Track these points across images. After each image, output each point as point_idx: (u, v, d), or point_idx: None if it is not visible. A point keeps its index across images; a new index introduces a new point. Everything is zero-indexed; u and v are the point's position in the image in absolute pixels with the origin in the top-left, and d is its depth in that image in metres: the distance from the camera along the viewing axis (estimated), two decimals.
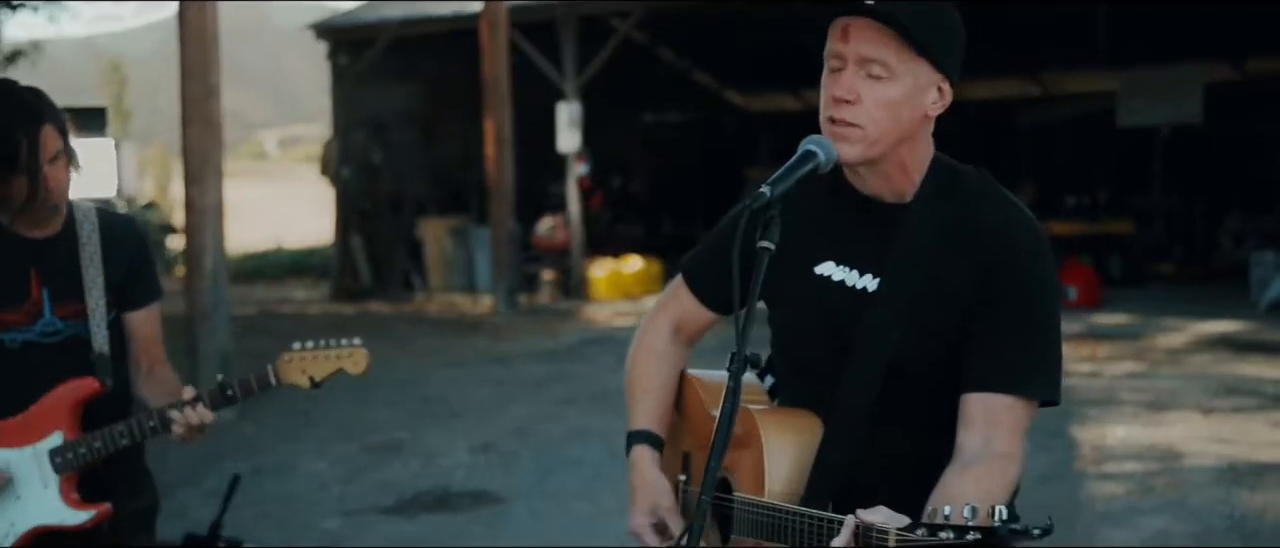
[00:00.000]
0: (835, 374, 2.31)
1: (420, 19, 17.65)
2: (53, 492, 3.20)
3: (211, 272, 9.60)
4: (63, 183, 3.15)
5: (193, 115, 9.58)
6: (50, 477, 3.20)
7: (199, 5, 9.53)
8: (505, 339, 13.49)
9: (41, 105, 3.13)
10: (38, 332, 3.21)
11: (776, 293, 2.42)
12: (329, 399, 10.23)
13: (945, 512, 1.79)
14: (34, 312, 3.21)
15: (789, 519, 2.16)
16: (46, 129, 3.08)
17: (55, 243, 3.24)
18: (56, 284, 3.22)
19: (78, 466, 3.20)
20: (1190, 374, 10.29)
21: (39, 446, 3.20)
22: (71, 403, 3.20)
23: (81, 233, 3.24)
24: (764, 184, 2.12)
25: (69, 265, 3.23)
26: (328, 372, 3.17)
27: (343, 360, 3.17)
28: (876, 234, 2.32)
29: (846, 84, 2.22)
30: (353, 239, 18.05)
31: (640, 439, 2.56)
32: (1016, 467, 2.20)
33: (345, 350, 3.17)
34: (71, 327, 3.23)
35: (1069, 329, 12.25)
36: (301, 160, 51.38)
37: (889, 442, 2.31)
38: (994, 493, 2.05)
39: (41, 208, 3.16)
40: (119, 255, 3.28)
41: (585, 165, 16.29)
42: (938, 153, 2.36)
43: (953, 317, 2.25)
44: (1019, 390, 2.22)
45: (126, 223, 3.39)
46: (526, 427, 9.20)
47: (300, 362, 3.16)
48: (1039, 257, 2.27)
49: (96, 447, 3.18)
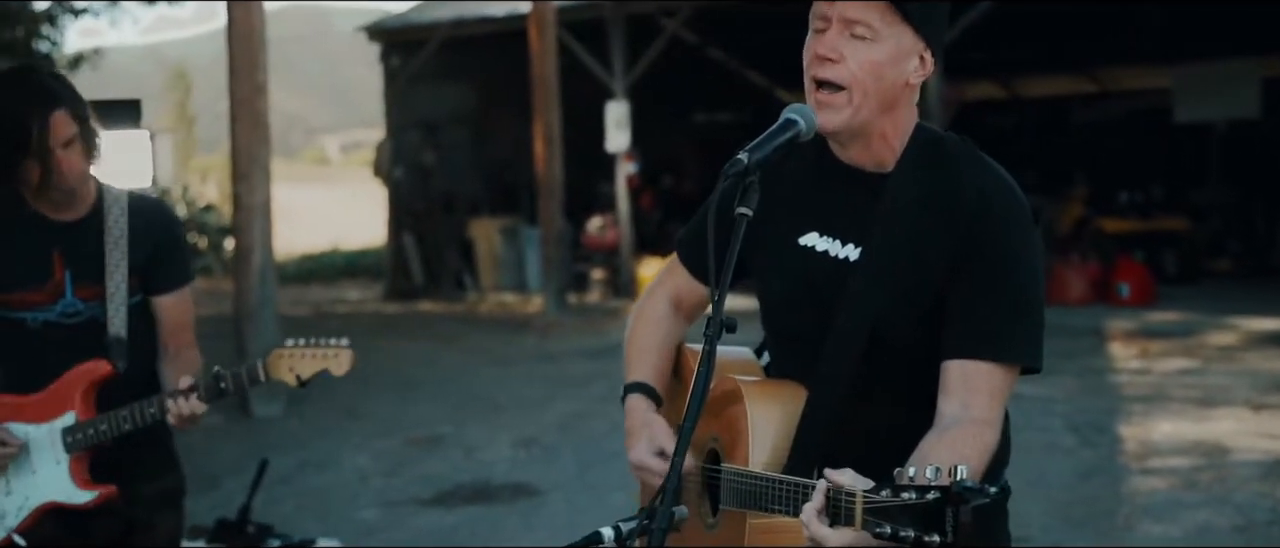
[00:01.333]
0: (819, 344, 2.31)
1: (471, 20, 17.76)
2: (63, 470, 3.27)
3: (259, 269, 9.71)
4: (77, 168, 3.18)
5: (240, 114, 9.70)
6: (62, 455, 3.27)
7: (246, 5, 9.65)
8: (553, 338, 13.54)
9: (59, 90, 3.17)
10: (58, 312, 3.28)
11: (762, 265, 2.43)
12: (375, 395, 10.35)
13: (910, 473, 1.81)
14: (56, 292, 3.27)
15: (770, 487, 2.17)
16: (59, 114, 3.13)
17: (81, 226, 3.29)
18: (79, 266, 3.27)
19: (87, 445, 3.26)
20: (1241, 371, 10.15)
21: (54, 424, 3.27)
22: (85, 384, 3.27)
23: (108, 217, 3.29)
24: (742, 151, 2.13)
25: (93, 248, 3.28)
26: (313, 370, 3.20)
27: (328, 360, 3.20)
28: (859, 204, 2.32)
29: (830, 43, 2.23)
30: (405, 239, 18.18)
31: (636, 389, 2.58)
32: (994, 432, 2.20)
33: (330, 350, 3.20)
34: (92, 308, 3.29)
35: (1120, 326, 12.17)
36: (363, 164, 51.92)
37: (872, 410, 2.31)
38: (966, 457, 2.04)
39: (55, 191, 3.21)
40: (145, 239, 3.33)
41: (634, 164, 16.30)
42: (920, 122, 2.35)
43: (933, 284, 2.25)
44: (997, 356, 2.21)
45: (155, 206, 3.44)
46: (569, 422, 9.23)
47: (289, 359, 3.19)
48: (1017, 224, 2.25)
49: (103, 429, 3.24)
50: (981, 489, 1.72)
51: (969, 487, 1.71)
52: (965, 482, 1.72)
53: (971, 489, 1.71)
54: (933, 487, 1.76)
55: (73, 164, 3.17)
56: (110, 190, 3.35)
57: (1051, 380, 9.87)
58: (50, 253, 3.27)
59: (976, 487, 1.72)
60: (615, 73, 16.13)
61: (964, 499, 1.71)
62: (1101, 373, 10.33)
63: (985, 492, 1.71)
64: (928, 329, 2.26)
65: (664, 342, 2.65)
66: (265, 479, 5.19)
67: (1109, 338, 11.82)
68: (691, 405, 2.05)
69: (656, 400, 2.59)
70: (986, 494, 1.72)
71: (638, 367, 2.62)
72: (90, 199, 3.31)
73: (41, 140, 3.10)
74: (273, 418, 9.65)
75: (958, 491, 1.72)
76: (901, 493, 1.79)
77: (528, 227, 17.27)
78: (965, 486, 1.71)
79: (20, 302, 3.26)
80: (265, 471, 4.76)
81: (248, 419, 9.60)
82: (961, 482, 1.72)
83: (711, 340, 2.07)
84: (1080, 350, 11.21)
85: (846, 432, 2.27)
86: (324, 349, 3.20)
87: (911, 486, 1.79)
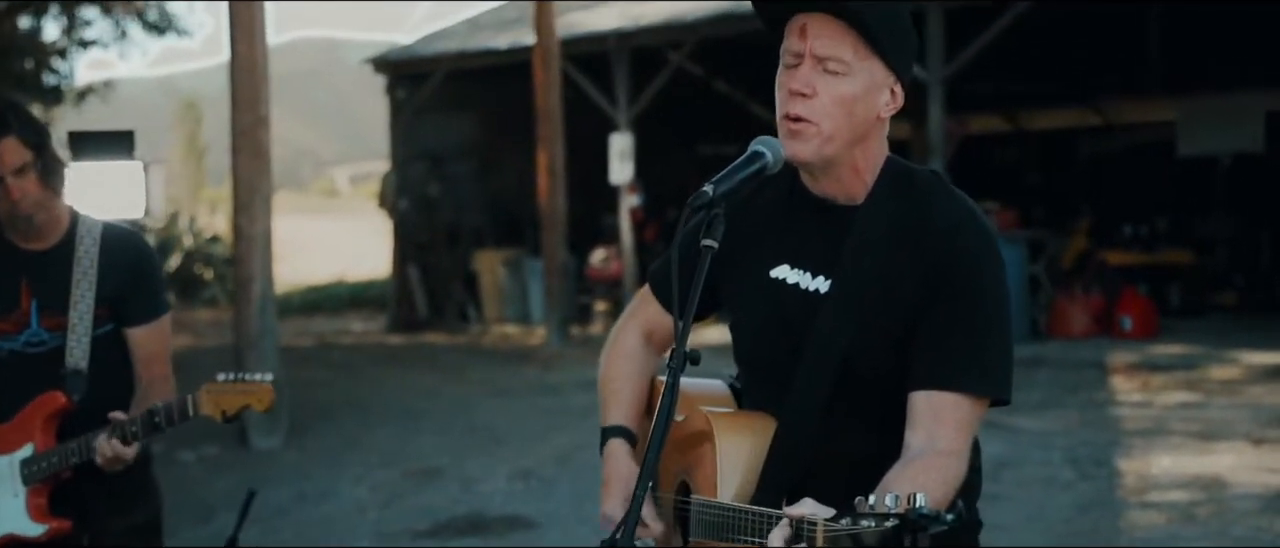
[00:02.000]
0: (790, 376, 2.32)
1: (476, 52, 17.85)
2: (20, 502, 3.26)
3: (259, 299, 9.74)
4: (30, 195, 3.19)
5: (242, 145, 9.75)
6: (19, 487, 3.27)
7: (248, 37, 9.71)
8: (555, 369, 13.54)
9: (9, 119, 3.18)
10: (22, 342, 3.29)
11: (733, 297, 2.45)
12: (377, 427, 10.36)
13: (869, 502, 1.82)
14: (21, 322, 3.28)
15: (737, 517, 2.18)
16: (8, 141, 3.15)
17: (49, 256, 3.31)
18: (45, 296, 3.29)
19: (42, 478, 3.26)
20: (1243, 404, 10.11)
21: (13, 456, 3.28)
22: (43, 416, 3.27)
23: (79, 247, 3.30)
24: (708, 183, 2.14)
25: (60, 279, 3.29)
26: (237, 406, 3.19)
27: (248, 396, 3.19)
28: (829, 236, 2.33)
29: (803, 78, 2.24)
30: (410, 271, 18.22)
31: (614, 434, 2.59)
32: (959, 463, 2.20)
33: (251, 386, 3.19)
34: (56, 339, 3.29)
35: (1122, 359, 12.13)
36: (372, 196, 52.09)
37: (841, 441, 2.31)
38: (927, 486, 2.04)
39: (11, 219, 3.22)
40: (115, 270, 3.33)
41: (638, 197, 16.33)
42: (891, 155, 2.36)
43: (902, 316, 2.26)
44: (963, 387, 2.21)
45: (127, 237, 3.42)
46: (569, 454, 9.22)
47: (216, 394, 3.18)
48: (985, 255, 2.26)
49: (54, 461, 3.24)
50: (938, 516, 1.73)
51: (925, 514, 1.73)
52: (922, 509, 1.74)
53: (928, 516, 1.73)
54: (890, 514, 1.78)
55: (24, 190, 3.18)
56: (85, 221, 3.36)
57: (1052, 414, 9.86)
58: (17, 282, 3.28)
59: (933, 514, 1.74)
60: (619, 105, 16.18)
61: (921, 526, 1.73)
62: (1103, 406, 10.30)
63: (942, 519, 1.73)
64: (897, 360, 2.26)
65: (637, 376, 2.65)
66: (258, 511, 5.17)
67: (1111, 371, 11.78)
68: (654, 439, 2.05)
69: (634, 442, 2.60)
70: (944, 521, 1.73)
71: (614, 408, 2.63)
72: (61, 229, 3.32)
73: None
74: (271, 450, 9.65)
75: (914, 517, 1.73)
76: (860, 521, 1.81)
77: (532, 259, 17.29)
78: (921, 513, 1.73)
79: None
80: (252, 502, 4.73)
81: (246, 451, 9.60)
82: (918, 509, 1.74)
83: (675, 373, 2.08)
84: (1082, 384, 11.19)
85: (816, 462, 2.28)
86: (247, 385, 3.18)
87: (870, 513, 1.81)
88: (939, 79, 13.36)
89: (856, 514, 1.82)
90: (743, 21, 15.23)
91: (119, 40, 19.56)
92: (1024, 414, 9.73)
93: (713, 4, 16.15)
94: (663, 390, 2.58)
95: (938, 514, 1.73)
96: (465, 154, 18.73)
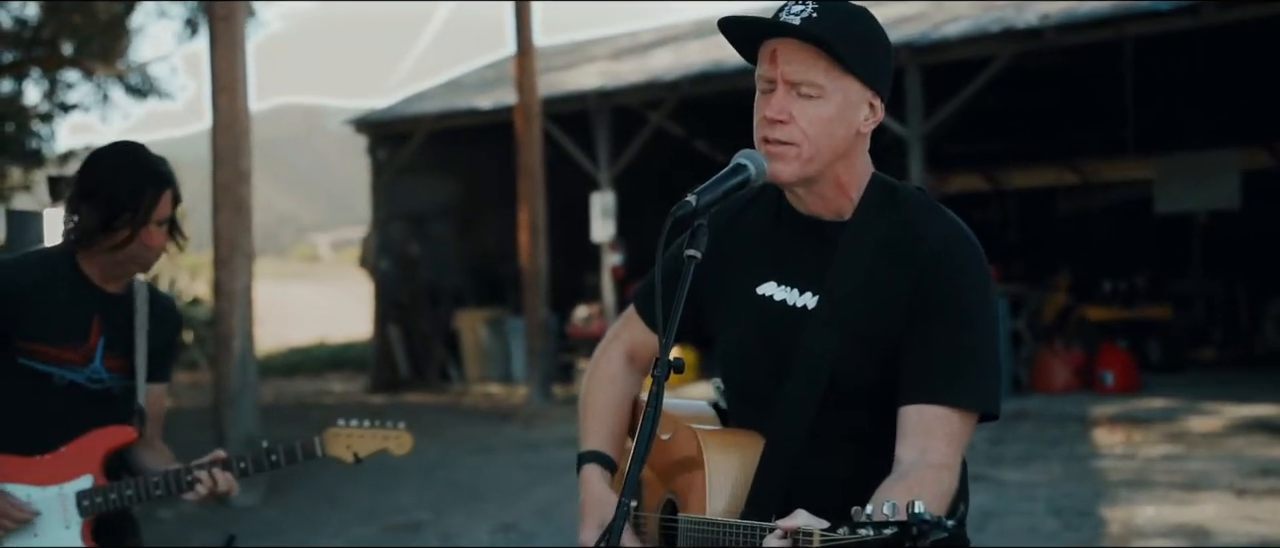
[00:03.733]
0: (777, 392, 2.31)
1: (458, 111, 17.90)
2: (74, 533, 3.28)
3: (239, 355, 9.69)
4: (159, 247, 3.34)
5: (223, 201, 9.73)
6: (73, 518, 3.28)
7: (231, 93, 9.72)
8: (537, 427, 13.47)
9: (170, 174, 3.35)
10: (85, 375, 3.33)
11: (719, 315, 2.44)
12: (355, 484, 10.27)
13: (867, 511, 1.80)
14: (87, 356, 3.33)
15: (725, 532, 2.16)
16: (168, 194, 3.30)
17: (118, 301, 3.40)
18: (111, 337, 3.36)
19: (103, 510, 3.29)
20: (1225, 456, 10.11)
21: (66, 486, 3.28)
22: (105, 449, 3.31)
23: (137, 299, 3.43)
24: (690, 193, 2.14)
25: (124, 324, 3.39)
26: (372, 449, 3.38)
27: (388, 441, 3.38)
28: (816, 252, 2.33)
29: (778, 104, 2.25)
30: (391, 331, 18.15)
31: (591, 459, 2.57)
32: (951, 477, 2.19)
33: (392, 432, 3.38)
34: (114, 379, 3.36)
35: (1104, 412, 12.13)
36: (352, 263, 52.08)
37: (829, 458, 2.30)
38: (923, 498, 2.03)
39: (131, 262, 3.33)
40: (160, 330, 3.46)
41: (620, 255, 16.34)
42: (876, 172, 2.37)
43: (890, 331, 2.25)
44: (953, 401, 2.20)
45: (169, 302, 3.58)
46: (550, 509, 9.16)
47: (347, 437, 3.36)
48: (972, 271, 2.27)
49: (128, 494, 3.30)
50: (939, 522, 1.70)
51: (926, 520, 1.70)
52: (922, 515, 1.71)
53: (928, 522, 1.69)
54: (889, 522, 1.75)
55: (158, 242, 3.33)
56: (135, 278, 3.48)
57: (1034, 466, 9.84)
58: (91, 317, 3.34)
59: (933, 520, 1.70)
60: (600, 163, 16.23)
61: (921, 533, 1.70)
62: (1085, 459, 10.28)
63: (942, 525, 1.70)
64: (885, 375, 2.26)
65: (619, 400, 2.64)
66: None
67: (1093, 424, 11.78)
68: (636, 451, 2.03)
69: (611, 468, 2.57)
70: (944, 528, 1.70)
71: (593, 433, 2.61)
72: (128, 280, 3.44)
73: (147, 212, 3.25)
74: (250, 506, 9.55)
75: (914, 523, 1.70)
76: (858, 530, 1.78)
77: (513, 318, 17.26)
78: (922, 518, 1.70)
79: (56, 357, 3.29)
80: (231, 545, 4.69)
81: (224, 507, 9.49)
82: (918, 515, 1.71)
83: (659, 381, 2.07)
84: (1064, 437, 11.18)
85: (804, 478, 2.26)
86: (384, 431, 3.37)
87: (868, 522, 1.78)
88: (918, 136, 13.45)
89: (854, 523, 1.79)
90: (722, 81, 15.36)
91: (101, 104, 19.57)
92: (1007, 467, 9.71)
93: (692, 64, 16.26)
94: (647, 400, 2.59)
95: (938, 521, 1.70)
96: (446, 214, 18.74)
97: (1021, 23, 13.39)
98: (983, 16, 14.29)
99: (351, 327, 25.91)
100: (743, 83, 14.86)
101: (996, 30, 13.46)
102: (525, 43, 14.87)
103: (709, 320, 2.46)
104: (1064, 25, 13.10)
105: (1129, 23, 12.87)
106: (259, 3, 16.98)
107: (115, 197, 3.24)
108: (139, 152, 3.39)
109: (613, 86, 16.47)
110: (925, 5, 15.86)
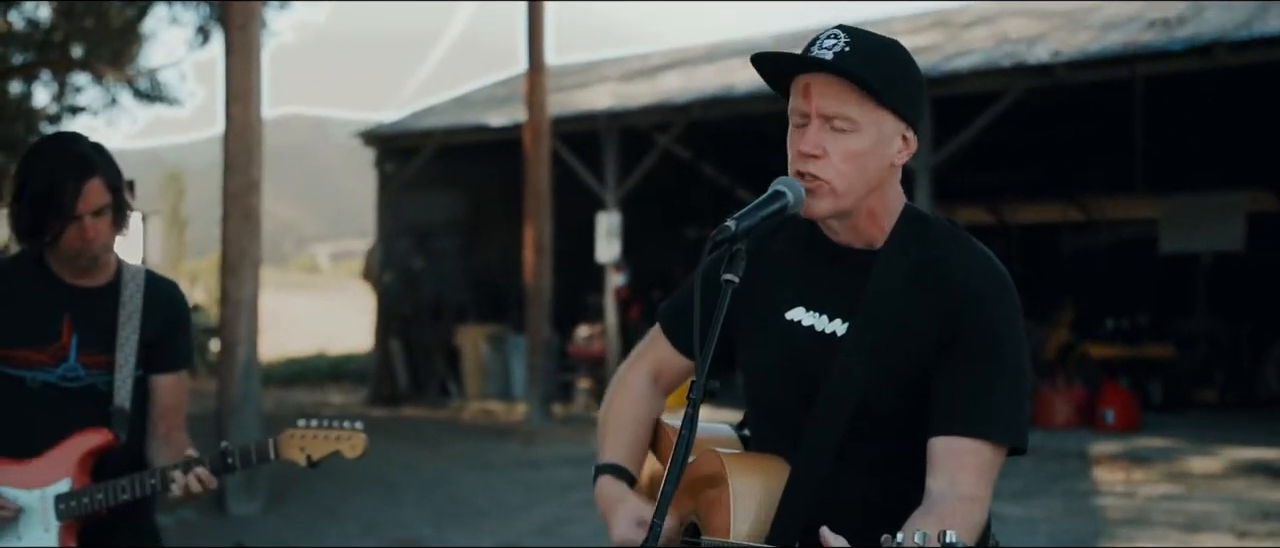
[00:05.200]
0: (803, 418, 2.31)
1: (466, 128, 17.93)
2: (52, 536, 3.24)
3: (243, 363, 9.67)
4: (104, 236, 3.22)
5: (232, 209, 9.73)
6: (52, 522, 3.24)
7: (244, 102, 9.73)
8: (537, 445, 13.47)
9: (96, 160, 3.22)
10: (59, 375, 3.28)
11: (747, 339, 2.44)
12: (356, 496, 10.26)
13: (898, 539, 1.80)
14: (59, 355, 3.27)
15: None
16: (93, 182, 3.18)
17: (97, 294, 3.33)
18: (87, 333, 3.29)
19: (79, 514, 3.24)
20: (1226, 497, 10.10)
21: (46, 490, 3.24)
22: (83, 452, 3.26)
23: (125, 290, 3.34)
24: (730, 218, 2.15)
25: (105, 318, 3.31)
26: (325, 452, 3.20)
27: (341, 442, 3.20)
28: (847, 280, 2.34)
29: (812, 140, 2.25)
30: (392, 344, 18.14)
31: (606, 471, 2.56)
32: (982, 510, 2.19)
33: (345, 432, 3.21)
34: (93, 376, 3.29)
35: (1105, 450, 12.12)
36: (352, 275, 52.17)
37: (854, 485, 2.30)
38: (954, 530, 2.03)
39: (78, 257, 3.24)
40: (157, 317, 3.36)
41: (624, 276, 16.35)
42: (908, 203, 2.38)
43: (918, 360, 2.26)
44: (983, 434, 2.20)
45: (170, 288, 3.48)
46: (550, 526, 9.15)
47: (300, 439, 3.20)
48: (1002, 303, 2.27)
49: (98, 498, 3.23)
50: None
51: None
52: (955, 544, 1.70)
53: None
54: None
55: (99, 231, 3.21)
56: (129, 265, 3.40)
57: (1035, 502, 9.83)
58: (61, 315, 3.29)
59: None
60: (608, 184, 16.25)
61: None
62: (1086, 496, 10.28)
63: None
64: (912, 405, 2.26)
65: (642, 417, 2.64)
66: None
67: (1094, 462, 11.77)
68: (673, 466, 2.04)
69: (629, 480, 2.57)
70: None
71: (612, 446, 2.60)
72: (110, 270, 3.36)
73: (72, 205, 3.15)
74: (250, 517, 9.54)
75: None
76: None
77: (515, 335, 17.26)
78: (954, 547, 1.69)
79: (22, 359, 3.26)
80: None
81: (224, 517, 9.49)
82: (951, 545, 1.70)
83: (694, 403, 2.07)
84: (1065, 473, 11.18)
85: (828, 504, 2.26)
86: (337, 431, 3.20)
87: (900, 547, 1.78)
88: (926, 168, 13.47)
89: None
90: (731, 105, 15.40)
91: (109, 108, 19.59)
92: (1007, 501, 9.70)
93: (703, 87, 16.30)
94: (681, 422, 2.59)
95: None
96: (451, 229, 18.76)
97: (1033, 58, 13.43)
98: (995, 51, 14.33)
99: (350, 338, 25.91)
100: (752, 108, 14.93)
101: (1008, 64, 13.50)
102: (537, 59, 14.90)
103: (736, 344, 2.47)
104: (1075, 62, 13.14)
105: (1140, 62, 12.91)
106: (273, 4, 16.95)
107: (37, 195, 3.16)
108: (58, 143, 3.29)
109: (622, 108, 16.50)
110: (937, 37, 15.91)
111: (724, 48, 20.45)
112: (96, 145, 3.30)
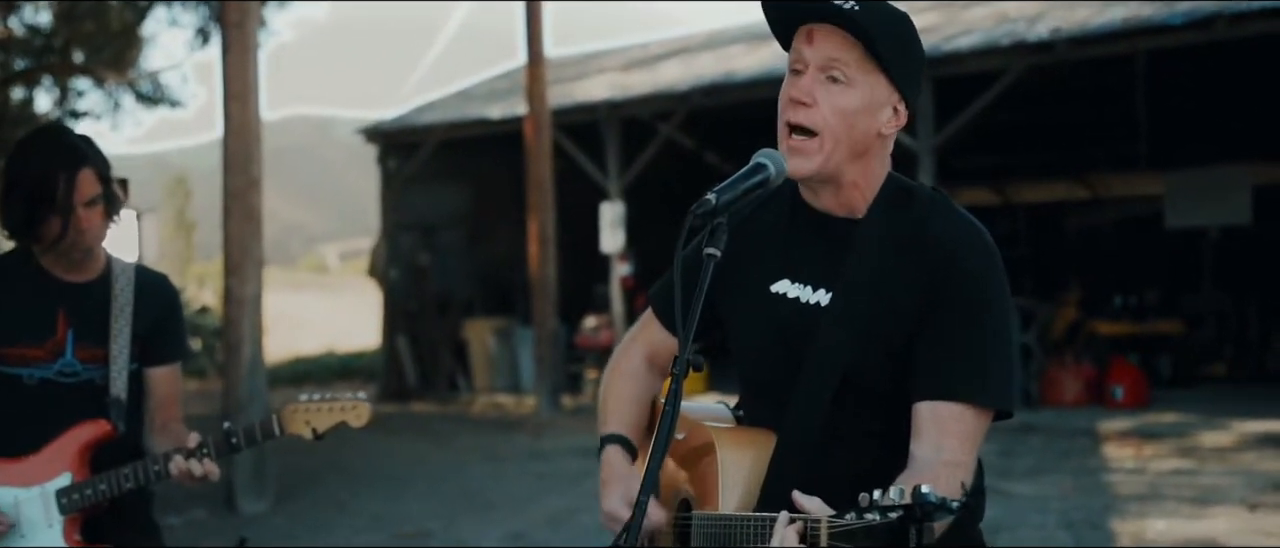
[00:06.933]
0: (790, 390, 2.30)
1: (467, 121, 17.91)
2: (56, 532, 3.24)
3: (249, 362, 9.67)
4: (96, 227, 3.23)
5: (234, 207, 9.73)
6: (55, 517, 3.24)
7: (243, 101, 9.73)
8: (546, 436, 13.46)
9: (86, 150, 3.23)
10: (55, 371, 3.29)
11: (734, 313, 2.44)
12: (365, 491, 10.26)
13: (874, 495, 1.79)
14: (55, 351, 3.28)
15: (739, 526, 2.16)
16: (85, 172, 3.18)
17: (88, 288, 3.33)
18: (82, 328, 3.30)
19: (82, 507, 3.24)
20: (1236, 471, 10.07)
21: (47, 485, 3.25)
22: (82, 444, 3.26)
23: (116, 285, 3.35)
24: (710, 192, 2.14)
25: (98, 313, 3.32)
26: (330, 424, 3.21)
27: (346, 413, 3.21)
28: (830, 250, 2.33)
29: (805, 87, 2.25)
30: (399, 340, 18.15)
31: (611, 441, 2.58)
32: (965, 474, 2.18)
33: (348, 403, 3.21)
34: (89, 370, 3.30)
35: (1114, 427, 12.10)
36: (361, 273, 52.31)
37: (842, 455, 2.30)
38: None
39: (72, 249, 3.25)
40: (148, 311, 3.38)
41: (629, 265, 16.34)
42: (893, 172, 2.37)
43: (903, 328, 2.24)
44: (967, 398, 2.20)
45: (160, 281, 3.49)
46: (560, 517, 9.15)
47: (304, 413, 3.21)
48: (986, 268, 2.26)
49: (102, 489, 3.23)
50: (944, 504, 1.69)
51: (931, 501, 1.69)
52: (928, 496, 1.70)
53: (933, 503, 1.69)
54: (895, 506, 1.75)
55: (92, 222, 3.22)
56: (118, 260, 3.41)
57: (1046, 479, 9.81)
58: (54, 311, 3.30)
59: (939, 501, 1.69)
60: (610, 174, 16.23)
61: (927, 515, 1.69)
62: (1096, 473, 10.25)
63: (948, 506, 1.69)
64: (898, 373, 2.25)
65: (640, 396, 2.64)
66: None
67: (1103, 439, 11.75)
68: (658, 441, 2.03)
69: (632, 452, 2.57)
70: (949, 509, 1.69)
71: (614, 419, 2.61)
72: (101, 264, 3.37)
73: (66, 197, 3.15)
74: (259, 514, 9.55)
75: (918, 505, 1.69)
76: (865, 515, 1.78)
77: (522, 327, 17.25)
78: (926, 499, 1.69)
79: (18, 357, 3.26)
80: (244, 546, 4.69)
81: (233, 515, 9.50)
82: (923, 496, 1.70)
83: (677, 379, 2.06)
84: (1074, 450, 11.15)
85: (817, 475, 2.25)
86: (341, 402, 3.20)
87: (875, 506, 1.78)
88: (929, 149, 13.43)
89: (861, 508, 1.79)
90: (732, 93, 15.36)
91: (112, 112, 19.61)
92: (1018, 479, 9.68)
93: (703, 76, 16.27)
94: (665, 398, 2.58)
95: (943, 501, 1.69)
96: (456, 224, 18.76)
97: (1033, 36, 13.38)
98: (995, 30, 14.28)
99: (360, 337, 25.95)
100: (753, 95, 14.90)
101: (1008, 43, 13.46)
102: (536, 52, 14.89)
103: (724, 318, 2.46)
104: (1076, 39, 13.09)
105: (1141, 37, 12.86)
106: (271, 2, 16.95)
107: (31, 188, 3.15)
108: (46, 136, 3.29)
109: (623, 97, 16.47)
110: (937, 17, 15.86)
111: (723, 35, 20.41)
112: (84, 137, 3.30)
